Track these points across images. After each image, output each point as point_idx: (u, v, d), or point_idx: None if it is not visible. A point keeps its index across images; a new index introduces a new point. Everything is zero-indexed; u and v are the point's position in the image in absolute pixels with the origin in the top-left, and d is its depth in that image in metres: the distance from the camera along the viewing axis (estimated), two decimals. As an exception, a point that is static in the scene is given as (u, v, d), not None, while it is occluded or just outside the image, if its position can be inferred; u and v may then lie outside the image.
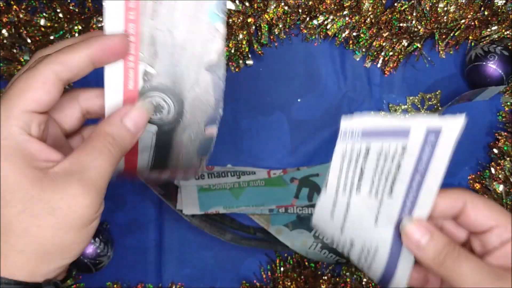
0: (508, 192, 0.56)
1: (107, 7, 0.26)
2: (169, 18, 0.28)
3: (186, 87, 0.30)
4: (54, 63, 0.24)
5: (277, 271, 0.58)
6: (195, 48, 0.28)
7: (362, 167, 0.29)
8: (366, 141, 0.28)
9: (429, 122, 0.27)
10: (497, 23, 0.55)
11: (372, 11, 0.54)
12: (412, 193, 0.28)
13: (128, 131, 0.26)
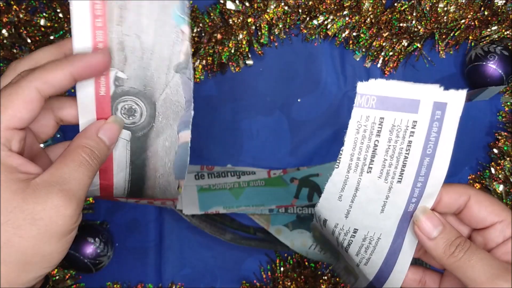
0: (508, 192, 0.56)
1: (74, 15, 0.27)
2: (135, 23, 0.28)
3: (157, 89, 0.30)
4: (37, 80, 0.25)
5: (277, 271, 0.58)
6: (163, 51, 0.29)
7: (376, 142, 0.29)
8: (380, 110, 0.29)
9: (436, 96, 0.27)
10: (497, 23, 0.55)
11: (372, 11, 0.54)
12: (421, 179, 0.28)
13: (104, 144, 0.27)
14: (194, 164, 0.59)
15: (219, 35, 0.55)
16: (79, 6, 0.27)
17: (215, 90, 0.59)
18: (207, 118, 0.59)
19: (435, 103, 0.28)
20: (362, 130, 0.29)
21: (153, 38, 0.29)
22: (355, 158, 0.29)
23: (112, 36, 0.28)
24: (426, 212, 0.28)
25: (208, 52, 0.55)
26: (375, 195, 0.29)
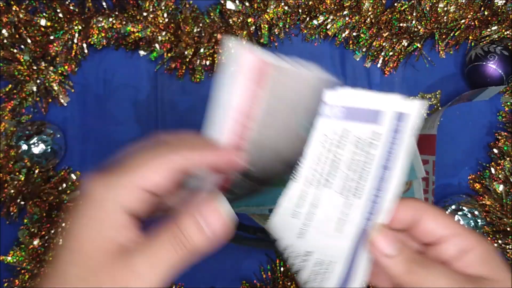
0: (508, 192, 0.56)
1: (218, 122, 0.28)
2: (271, 127, 0.29)
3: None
4: (179, 154, 0.25)
5: (277, 271, 0.58)
6: (284, 152, 0.30)
7: (338, 155, 0.28)
8: (346, 121, 0.28)
9: (397, 106, 0.27)
10: (497, 23, 0.55)
11: (372, 11, 0.54)
12: (379, 193, 0.27)
13: (204, 236, 0.24)
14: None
15: (219, 35, 0.55)
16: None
17: (215, 90, 0.59)
18: (207, 118, 0.59)
19: (397, 114, 0.27)
20: (327, 142, 0.28)
21: (278, 140, 0.30)
22: (315, 171, 0.28)
23: (253, 136, 0.28)
24: (382, 230, 0.27)
25: (208, 52, 0.55)
26: (333, 213, 0.28)
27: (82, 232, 0.23)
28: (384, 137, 0.27)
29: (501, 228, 0.56)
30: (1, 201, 0.55)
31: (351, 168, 0.28)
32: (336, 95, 0.28)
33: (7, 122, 0.57)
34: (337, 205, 0.28)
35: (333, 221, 0.28)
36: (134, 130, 0.59)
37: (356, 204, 0.27)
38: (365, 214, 0.27)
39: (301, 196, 0.28)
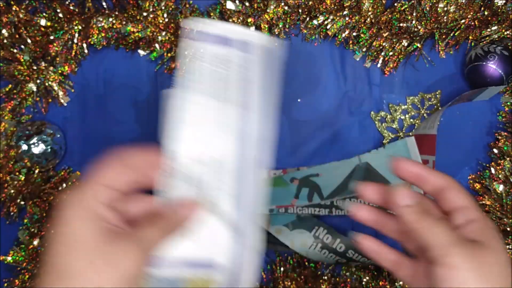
0: (508, 192, 0.56)
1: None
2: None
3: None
4: (128, 156, 0.31)
5: (277, 271, 0.58)
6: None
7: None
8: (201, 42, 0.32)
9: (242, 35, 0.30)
10: (497, 23, 0.55)
11: (372, 11, 0.54)
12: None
13: (180, 217, 0.31)
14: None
15: (219, 35, 0.55)
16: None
17: (215, 90, 0.59)
18: (207, 118, 0.59)
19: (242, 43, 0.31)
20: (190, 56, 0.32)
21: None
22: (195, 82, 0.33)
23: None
24: (404, 186, 0.33)
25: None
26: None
27: (67, 229, 0.28)
28: (235, 61, 0.32)
29: (501, 228, 0.56)
30: (1, 201, 0.55)
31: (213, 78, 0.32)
32: (194, 22, 0.31)
33: (7, 122, 0.57)
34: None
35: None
36: (134, 130, 0.59)
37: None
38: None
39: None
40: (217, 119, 0.32)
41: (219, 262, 0.32)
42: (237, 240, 0.32)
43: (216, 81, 0.32)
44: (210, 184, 0.32)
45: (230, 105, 0.33)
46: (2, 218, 0.57)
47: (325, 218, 0.57)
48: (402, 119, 0.59)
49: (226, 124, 0.32)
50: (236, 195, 0.32)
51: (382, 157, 0.56)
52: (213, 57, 0.32)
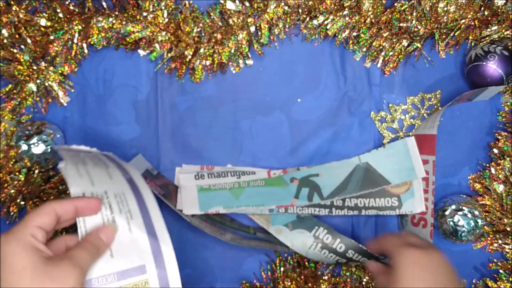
0: (508, 192, 0.56)
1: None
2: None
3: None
4: (56, 205, 0.38)
5: (277, 271, 0.58)
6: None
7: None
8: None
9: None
10: (497, 23, 0.55)
11: (372, 11, 0.54)
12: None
13: (102, 240, 0.38)
14: (194, 164, 0.59)
15: (219, 35, 0.55)
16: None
17: (215, 90, 0.59)
18: (207, 118, 0.59)
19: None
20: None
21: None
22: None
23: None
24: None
25: (208, 52, 0.55)
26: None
27: (7, 260, 0.34)
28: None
29: (501, 228, 0.56)
30: (1, 201, 0.55)
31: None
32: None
33: (7, 122, 0.57)
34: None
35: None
36: (134, 130, 0.59)
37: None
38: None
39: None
40: (107, 174, 0.43)
41: (148, 263, 0.39)
42: (152, 241, 0.40)
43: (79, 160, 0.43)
44: (122, 208, 0.41)
45: (108, 167, 0.43)
46: (2, 218, 0.57)
47: (325, 218, 0.57)
48: (402, 119, 0.59)
49: (113, 174, 0.43)
50: (142, 211, 0.41)
51: (382, 157, 0.56)
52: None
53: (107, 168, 0.43)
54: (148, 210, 0.41)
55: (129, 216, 0.40)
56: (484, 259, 0.59)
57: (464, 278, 0.59)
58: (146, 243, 0.39)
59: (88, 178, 0.42)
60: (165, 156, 0.59)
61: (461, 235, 0.55)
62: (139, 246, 0.39)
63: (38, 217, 0.37)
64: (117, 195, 0.41)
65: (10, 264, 0.34)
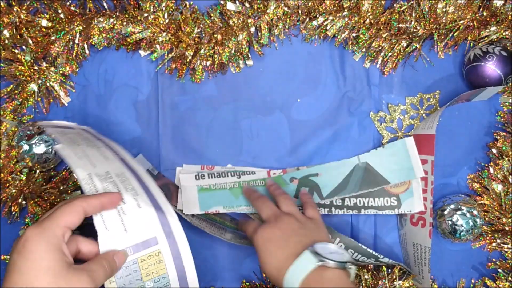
0: (507, 192, 0.56)
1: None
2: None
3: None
4: (83, 202, 0.39)
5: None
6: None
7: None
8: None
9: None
10: (496, 23, 0.55)
11: (372, 12, 0.55)
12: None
13: (115, 264, 0.40)
14: (195, 164, 0.59)
15: (220, 35, 0.55)
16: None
17: (215, 90, 0.59)
18: (207, 118, 0.59)
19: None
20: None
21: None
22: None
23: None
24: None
25: (209, 52, 0.56)
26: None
27: (33, 256, 0.35)
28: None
29: (499, 228, 0.57)
30: (3, 200, 0.56)
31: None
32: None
33: (9, 122, 0.57)
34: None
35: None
36: (135, 130, 0.59)
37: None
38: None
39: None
40: (101, 155, 0.45)
41: (158, 234, 0.41)
42: (159, 214, 0.42)
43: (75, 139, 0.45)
44: (126, 186, 0.42)
45: (100, 147, 0.46)
46: (4, 217, 0.57)
47: (325, 217, 0.58)
48: (401, 119, 0.59)
49: (107, 155, 0.45)
50: (143, 186, 0.43)
51: (381, 157, 0.57)
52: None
53: (98, 148, 0.45)
54: (148, 187, 0.43)
55: (134, 193, 0.42)
56: (483, 259, 0.59)
57: (463, 278, 0.59)
58: (154, 217, 0.41)
59: (87, 159, 0.43)
60: (165, 156, 0.59)
61: (460, 234, 0.55)
62: (149, 220, 0.41)
63: (67, 217, 0.38)
64: (118, 174, 0.43)
65: (35, 260, 0.35)
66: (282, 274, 0.44)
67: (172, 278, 0.41)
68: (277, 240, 0.47)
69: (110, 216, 0.40)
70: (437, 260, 0.59)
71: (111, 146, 0.46)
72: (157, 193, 0.43)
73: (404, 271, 0.57)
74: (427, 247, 0.54)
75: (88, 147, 0.44)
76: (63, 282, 0.35)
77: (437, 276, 0.59)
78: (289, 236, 0.47)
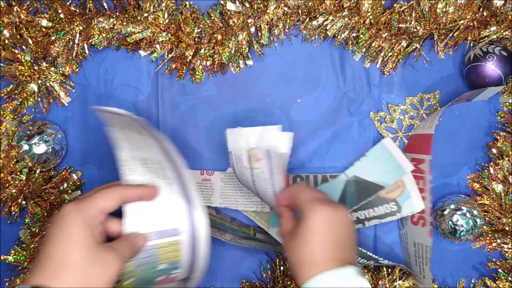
0: (507, 192, 0.56)
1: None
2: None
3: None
4: (121, 189, 0.41)
5: (277, 270, 0.58)
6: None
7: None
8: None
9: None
10: (496, 23, 0.55)
11: (372, 12, 0.55)
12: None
13: (138, 247, 0.41)
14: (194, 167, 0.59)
15: (220, 35, 0.55)
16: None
17: (215, 90, 0.59)
18: (207, 118, 0.59)
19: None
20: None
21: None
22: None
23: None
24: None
25: (209, 52, 0.56)
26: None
27: (70, 230, 0.37)
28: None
29: (499, 228, 0.57)
30: (3, 200, 0.56)
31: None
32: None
33: (9, 122, 0.57)
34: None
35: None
36: (135, 130, 0.59)
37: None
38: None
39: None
40: (144, 142, 0.46)
41: (181, 226, 0.42)
42: (188, 207, 0.43)
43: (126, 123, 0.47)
44: (162, 174, 0.43)
45: (146, 136, 0.47)
46: (4, 217, 0.57)
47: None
48: (401, 119, 0.59)
49: (149, 143, 0.46)
50: (178, 177, 0.44)
51: (366, 166, 0.57)
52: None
53: (142, 136, 0.47)
54: (184, 179, 0.44)
55: (168, 183, 0.43)
56: (483, 259, 0.59)
57: (463, 277, 0.59)
58: (182, 208, 0.43)
59: (133, 143, 0.44)
60: (165, 156, 0.59)
61: (460, 234, 0.55)
62: (176, 210, 0.43)
63: (105, 201, 0.39)
64: (157, 162, 0.44)
65: (71, 234, 0.37)
66: (314, 272, 0.39)
67: (183, 264, 0.43)
68: (336, 232, 0.41)
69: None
70: (437, 260, 0.59)
71: (155, 136, 0.47)
72: (191, 186, 0.44)
73: (404, 272, 0.57)
74: (428, 246, 0.54)
75: (134, 133, 0.46)
76: (95, 257, 0.37)
77: (437, 276, 0.59)
78: (346, 237, 0.42)
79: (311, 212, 0.41)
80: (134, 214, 0.41)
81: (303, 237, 0.41)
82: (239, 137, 0.49)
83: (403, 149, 0.59)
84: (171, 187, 0.43)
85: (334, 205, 0.42)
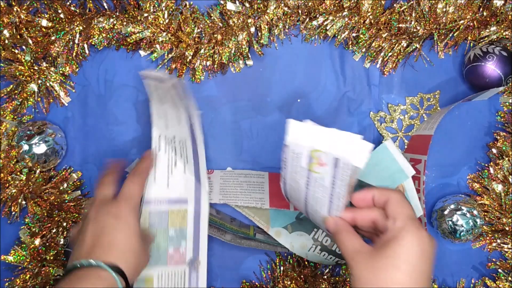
0: (507, 192, 0.56)
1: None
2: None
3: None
4: (146, 174, 0.49)
5: (277, 271, 0.58)
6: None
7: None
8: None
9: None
10: (496, 23, 0.55)
11: (372, 12, 0.55)
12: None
13: (143, 168, 0.49)
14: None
15: (220, 35, 0.55)
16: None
17: (215, 90, 0.59)
18: (207, 118, 0.59)
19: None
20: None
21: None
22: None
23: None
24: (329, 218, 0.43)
25: (209, 52, 0.56)
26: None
27: (123, 215, 0.44)
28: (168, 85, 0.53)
29: (499, 228, 0.57)
30: (3, 200, 0.56)
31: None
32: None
33: (9, 122, 0.57)
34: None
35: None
36: (135, 130, 0.59)
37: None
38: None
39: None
40: (177, 118, 0.52)
41: (190, 198, 0.51)
42: (197, 185, 0.51)
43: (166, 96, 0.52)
44: (184, 153, 0.51)
45: (179, 109, 0.53)
46: (4, 217, 0.57)
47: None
48: (401, 119, 0.59)
49: (180, 118, 0.52)
50: (195, 157, 0.52)
51: (369, 170, 0.56)
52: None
53: (177, 110, 0.52)
54: (199, 159, 0.53)
55: (185, 161, 0.51)
56: (483, 259, 0.59)
57: (463, 278, 0.59)
58: (192, 184, 0.51)
59: (165, 120, 0.51)
60: (165, 156, 0.59)
61: (460, 234, 0.55)
62: (187, 185, 0.51)
63: (141, 188, 0.47)
64: (181, 141, 0.51)
65: (130, 224, 0.44)
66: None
67: (188, 232, 0.51)
68: (428, 263, 0.37)
69: (161, 173, 0.49)
70: (437, 260, 0.59)
71: (188, 110, 0.53)
72: (202, 167, 0.53)
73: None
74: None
75: (169, 107, 0.51)
76: (145, 243, 0.45)
77: (437, 276, 0.59)
78: (431, 268, 0.37)
79: (409, 235, 0.36)
80: (154, 182, 0.49)
81: (394, 260, 0.36)
82: (304, 133, 0.43)
83: (403, 149, 0.59)
84: (187, 165, 0.51)
85: (427, 231, 0.38)
